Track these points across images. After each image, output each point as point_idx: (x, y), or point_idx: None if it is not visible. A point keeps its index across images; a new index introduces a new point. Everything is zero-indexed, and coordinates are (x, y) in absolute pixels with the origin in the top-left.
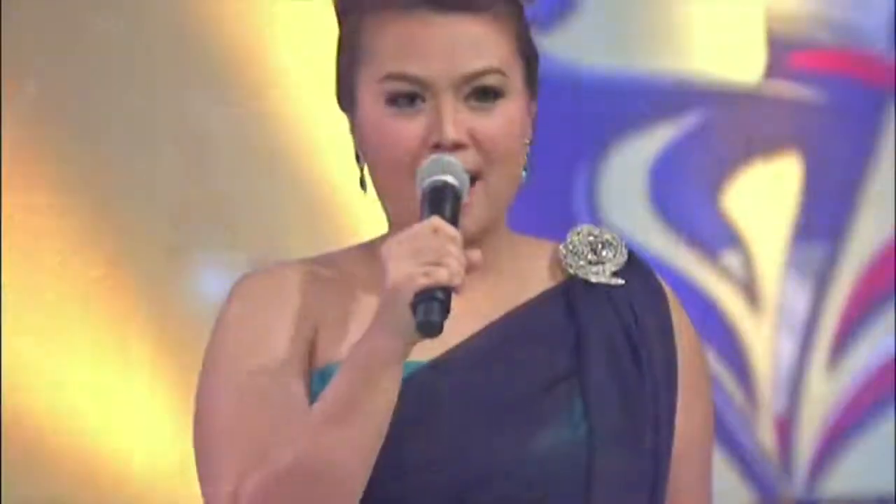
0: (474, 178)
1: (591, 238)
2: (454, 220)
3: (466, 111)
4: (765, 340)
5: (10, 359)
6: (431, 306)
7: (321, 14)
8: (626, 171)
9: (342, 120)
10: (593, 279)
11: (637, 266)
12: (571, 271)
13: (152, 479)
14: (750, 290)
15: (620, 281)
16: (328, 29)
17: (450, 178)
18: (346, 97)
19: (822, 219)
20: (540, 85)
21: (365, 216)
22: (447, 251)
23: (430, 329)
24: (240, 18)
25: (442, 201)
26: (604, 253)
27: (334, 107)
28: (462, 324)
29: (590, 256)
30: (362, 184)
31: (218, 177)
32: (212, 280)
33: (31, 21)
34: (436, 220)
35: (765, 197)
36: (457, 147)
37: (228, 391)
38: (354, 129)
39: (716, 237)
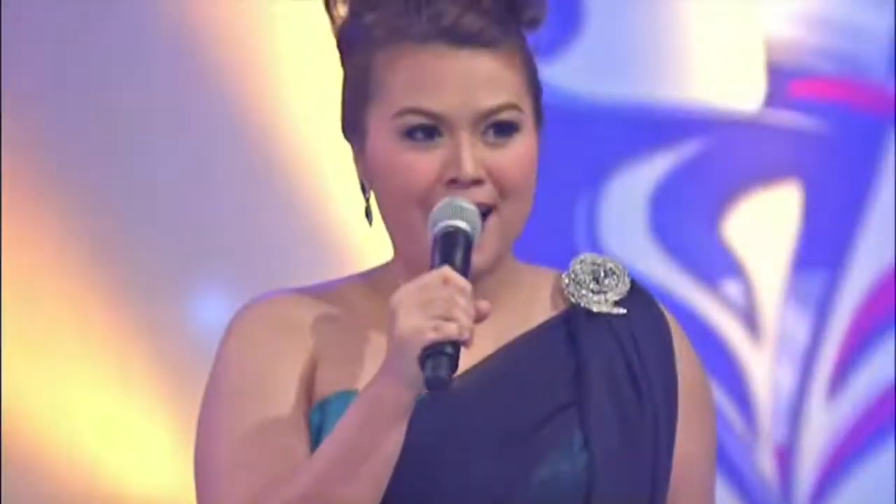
0: (488, 212)
1: (594, 267)
2: (465, 268)
3: (483, 146)
4: (765, 369)
5: (10, 381)
6: (440, 361)
7: (323, 26)
8: (627, 199)
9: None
10: (595, 308)
11: (640, 295)
12: (573, 300)
13: (149, 502)
14: (750, 318)
15: (622, 310)
16: (331, 42)
17: (462, 224)
18: (353, 128)
19: (823, 247)
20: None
21: (369, 236)
22: (457, 304)
23: (439, 385)
24: (240, 31)
25: (453, 248)
26: (606, 281)
27: (337, 125)
28: (463, 355)
29: (592, 285)
30: (367, 215)
31: (218, 198)
32: (210, 302)
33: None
34: (446, 271)
35: (765, 225)
36: (474, 183)
37: (230, 427)
38: (360, 159)
39: (716, 266)
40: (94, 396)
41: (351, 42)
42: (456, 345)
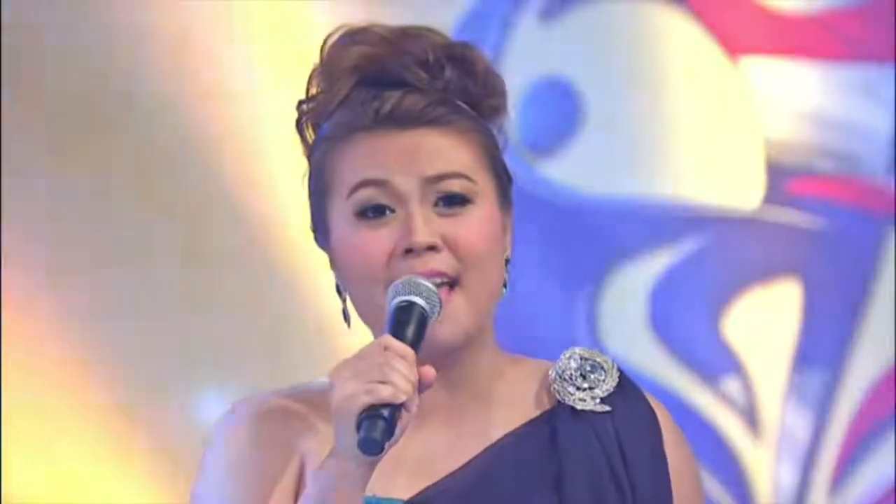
0: (453, 284)
1: (582, 362)
2: (416, 342)
3: (436, 217)
4: (765, 467)
5: (11, 478)
6: (374, 424)
7: None
8: (626, 296)
9: None
10: (579, 406)
11: (627, 390)
12: (559, 397)
13: None
14: (750, 416)
15: (607, 408)
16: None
17: (417, 300)
18: (321, 230)
19: (822, 345)
20: (540, 210)
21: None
22: (393, 368)
23: (371, 447)
24: (237, 158)
25: (405, 322)
26: (593, 377)
27: None
28: (447, 456)
29: (578, 382)
30: (345, 316)
31: (219, 290)
32: (208, 401)
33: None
34: (386, 338)
35: (764, 323)
36: (430, 249)
37: None
38: (331, 259)
39: (716, 363)
40: (93, 493)
41: (313, 150)
42: (392, 407)
